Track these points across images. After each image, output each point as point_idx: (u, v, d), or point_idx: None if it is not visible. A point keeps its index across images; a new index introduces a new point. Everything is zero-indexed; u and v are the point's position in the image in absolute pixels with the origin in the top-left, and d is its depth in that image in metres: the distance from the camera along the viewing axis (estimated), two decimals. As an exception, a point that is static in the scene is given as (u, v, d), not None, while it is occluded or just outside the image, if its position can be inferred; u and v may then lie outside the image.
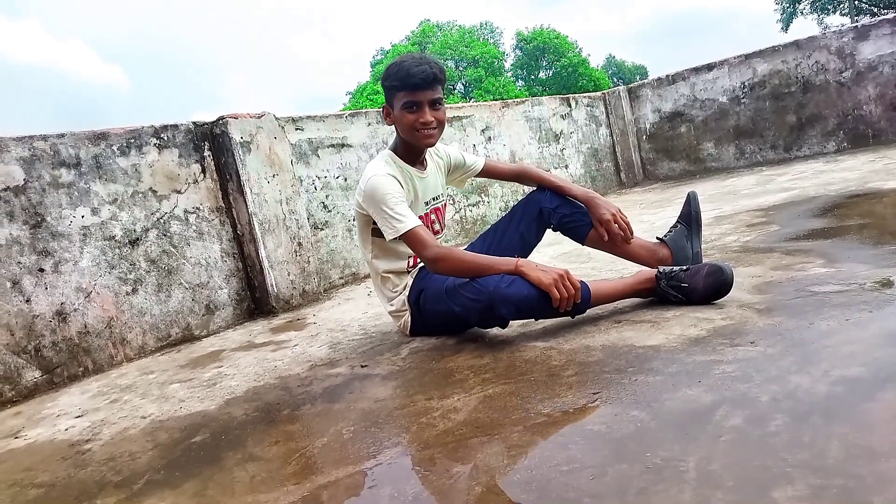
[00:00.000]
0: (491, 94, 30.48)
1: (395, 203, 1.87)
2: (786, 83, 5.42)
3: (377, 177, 1.91)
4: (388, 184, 1.90)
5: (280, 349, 2.35)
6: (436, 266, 1.86)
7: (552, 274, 1.73)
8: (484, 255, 1.93)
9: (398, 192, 1.90)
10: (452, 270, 1.87)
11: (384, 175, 1.91)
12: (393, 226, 1.86)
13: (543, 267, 1.77)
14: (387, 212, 1.87)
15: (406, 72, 1.87)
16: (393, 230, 1.87)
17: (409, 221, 1.86)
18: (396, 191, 1.90)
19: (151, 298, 2.77)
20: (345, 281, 3.62)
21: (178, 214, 2.92)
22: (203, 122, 3.11)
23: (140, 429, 1.72)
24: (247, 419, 1.65)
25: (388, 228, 1.88)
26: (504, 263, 1.80)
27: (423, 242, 1.85)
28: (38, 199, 2.46)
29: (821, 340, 1.36)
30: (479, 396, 1.46)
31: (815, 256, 2.09)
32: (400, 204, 1.88)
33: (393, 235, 1.87)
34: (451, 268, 1.86)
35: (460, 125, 4.77)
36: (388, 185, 1.89)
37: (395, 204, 1.87)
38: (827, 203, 3.03)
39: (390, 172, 1.94)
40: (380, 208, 1.88)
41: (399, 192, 1.91)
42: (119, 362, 2.61)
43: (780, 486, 0.87)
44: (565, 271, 1.74)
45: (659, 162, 6.45)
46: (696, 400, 1.20)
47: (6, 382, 2.28)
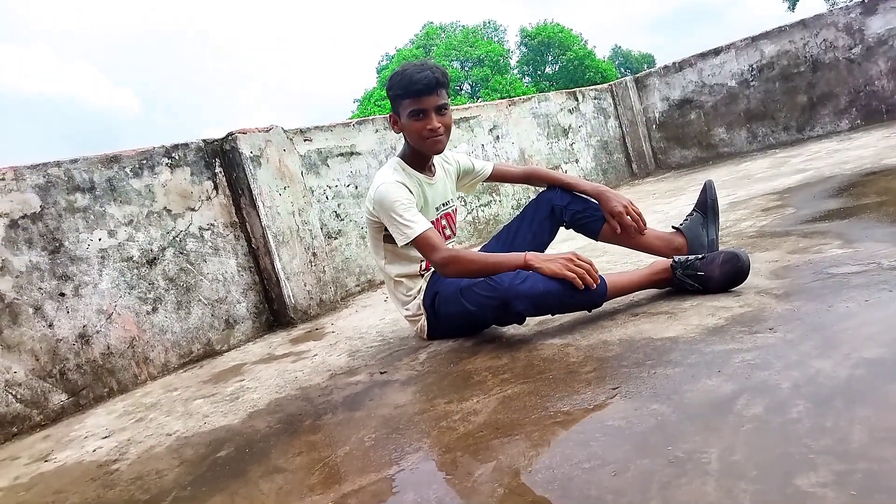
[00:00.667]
0: (498, 92, 30.42)
1: (404, 209, 1.88)
2: (794, 63, 5.36)
3: (386, 184, 1.92)
4: (397, 190, 1.91)
5: (300, 360, 2.37)
6: (446, 269, 1.87)
7: (560, 260, 1.75)
8: (493, 253, 1.93)
9: (407, 197, 1.91)
10: (463, 272, 1.88)
11: (393, 182, 1.92)
12: (403, 231, 1.88)
13: (550, 256, 1.78)
14: (396, 218, 1.88)
15: (409, 79, 1.88)
16: (404, 236, 1.88)
17: (418, 226, 1.87)
18: (405, 197, 1.91)
19: (172, 316, 2.80)
20: (361, 288, 3.63)
21: (193, 232, 2.95)
22: (213, 139, 3.14)
23: (166, 446, 1.74)
24: (270, 431, 1.66)
25: (398, 234, 1.90)
26: (513, 259, 1.82)
27: (433, 246, 1.86)
28: (56, 225, 2.50)
29: (840, 323, 1.34)
30: (499, 397, 1.46)
31: (832, 238, 2.06)
32: (409, 210, 1.89)
33: (404, 241, 1.89)
34: (462, 269, 1.87)
35: (468, 126, 4.77)
36: (398, 192, 1.90)
37: (405, 210, 1.88)
38: (842, 182, 2.99)
39: (399, 179, 1.95)
40: (390, 215, 1.89)
41: (408, 198, 1.92)
42: (143, 381, 2.65)
43: (804, 473, 0.86)
44: (573, 253, 1.77)
45: (670, 150, 6.41)
46: (717, 390, 1.19)
47: (34, 407, 2.32)
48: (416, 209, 1.93)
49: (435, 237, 1.88)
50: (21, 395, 2.29)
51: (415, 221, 1.88)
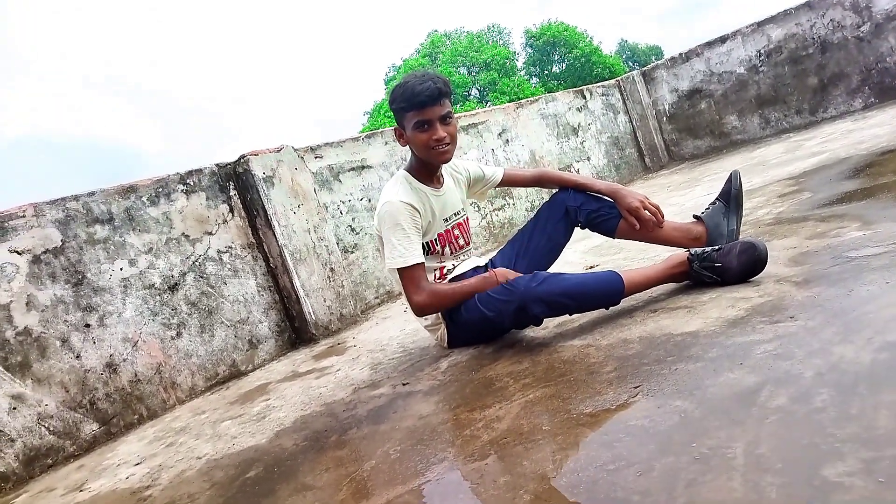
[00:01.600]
0: (506, 94, 30.41)
1: (401, 236, 1.93)
2: (802, 46, 5.30)
3: (390, 203, 1.95)
4: (401, 212, 1.94)
5: (323, 375, 2.38)
6: (423, 310, 1.99)
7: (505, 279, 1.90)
8: (462, 281, 2.01)
9: (409, 222, 1.95)
10: (440, 308, 2.00)
11: (397, 203, 1.94)
12: (394, 257, 1.94)
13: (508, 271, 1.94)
14: (393, 242, 1.94)
15: (411, 91, 1.89)
16: (392, 261, 1.94)
17: (410, 258, 1.93)
18: (407, 221, 1.94)
19: (196, 340, 2.84)
20: (380, 300, 3.65)
21: (211, 255, 2.99)
22: (225, 162, 3.18)
23: (197, 469, 1.76)
24: (297, 449, 1.67)
25: (388, 258, 1.96)
26: (485, 282, 1.93)
27: (415, 284, 1.95)
28: (77, 258, 2.55)
29: (862, 307, 1.32)
30: (521, 403, 1.46)
31: (850, 220, 2.03)
32: (406, 238, 1.94)
33: (390, 266, 1.96)
34: (438, 306, 1.99)
35: (476, 131, 4.78)
36: (400, 214, 1.94)
37: (403, 237, 1.93)
38: (859, 163, 2.95)
39: (404, 200, 1.95)
40: (388, 237, 1.95)
41: (410, 222, 1.95)
42: (172, 406, 2.68)
43: (831, 462, 0.85)
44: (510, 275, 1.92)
45: (683, 142, 6.36)
46: (739, 383, 1.18)
47: (67, 438, 2.36)
48: (417, 236, 1.97)
49: (420, 275, 1.95)
50: (53, 427, 2.34)
51: (408, 252, 1.93)
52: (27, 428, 2.28)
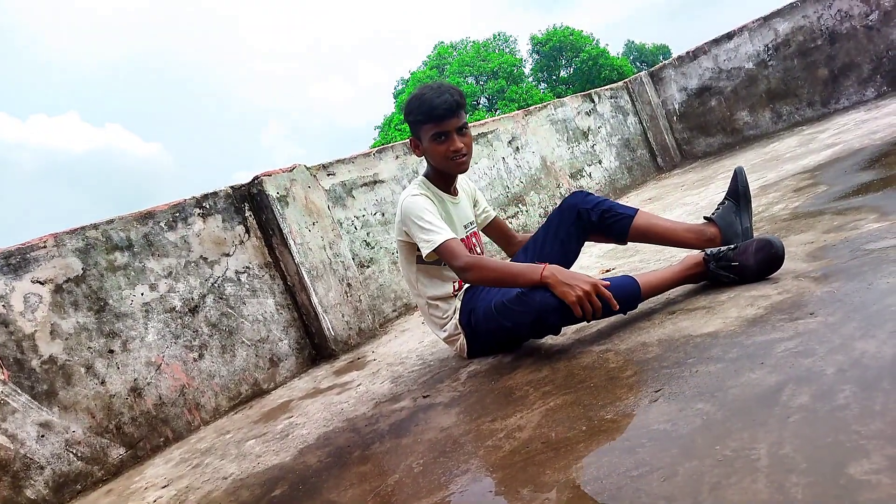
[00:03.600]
0: (515, 102, 30.46)
1: (430, 216, 1.93)
2: (811, 38, 5.26)
3: (411, 197, 1.99)
4: (423, 202, 1.97)
5: (345, 391, 2.39)
6: (466, 275, 1.88)
7: (577, 290, 1.67)
8: (513, 262, 1.93)
9: (432, 208, 1.97)
10: (482, 278, 1.88)
11: (419, 195, 1.99)
12: (429, 238, 1.91)
13: (570, 278, 1.71)
14: (422, 225, 1.93)
15: (429, 104, 1.91)
16: (429, 243, 1.91)
17: (444, 233, 1.91)
18: (431, 207, 1.97)
19: (218, 361, 2.87)
20: (398, 313, 3.66)
21: (230, 276, 3.02)
22: (240, 184, 3.22)
23: (223, 490, 1.78)
24: (321, 466, 1.68)
25: (424, 242, 1.93)
26: (530, 273, 1.78)
27: (455, 254, 1.88)
28: (98, 285, 2.59)
29: (882, 300, 1.31)
30: (542, 411, 1.46)
31: (867, 212, 2.01)
32: (435, 218, 1.94)
33: (429, 248, 1.91)
34: (481, 276, 1.87)
35: (486, 140, 4.79)
36: (423, 203, 1.97)
37: (431, 217, 1.93)
38: (874, 153, 2.92)
39: (425, 193, 2.00)
40: (416, 223, 1.94)
41: (433, 209, 1.97)
42: (196, 427, 2.70)
43: (856, 460, 0.84)
44: (593, 285, 1.68)
45: (694, 140, 6.33)
46: (761, 383, 1.17)
47: (94, 463, 2.39)
48: (442, 220, 1.97)
49: (458, 246, 1.91)
50: (81, 453, 2.37)
51: (441, 228, 1.92)
52: (56, 455, 2.31)
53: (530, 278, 1.78)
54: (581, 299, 1.67)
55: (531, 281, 1.77)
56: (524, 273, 1.80)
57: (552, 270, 1.75)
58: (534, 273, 1.77)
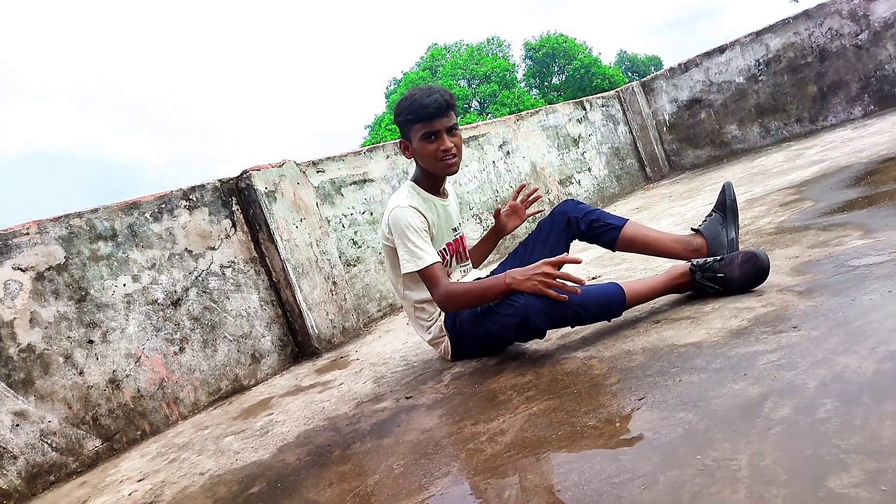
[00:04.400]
0: (507, 106, 30.53)
1: (417, 237, 1.92)
2: (801, 54, 5.32)
3: (400, 208, 1.95)
4: (412, 216, 1.93)
5: (326, 390, 2.38)
6: (445, 305, 1.92)
7: (536, 277, 1.73)
8: (477, 281, 1.93)
9: (421, 224, 1.94)
10: (458, 305, 1.93)
11: (407, 207, 1.95)
12: (414, 259, 1.91)
13: (527, 272, 1.76)
14: (408, 245, 1.91)
15: (419, 104, 1.90)
16: (413, 264, 1.91)
17: (429, 257, 1.91)
18: (419, 224, 1.93)
19: (199, 355, 2.84)
20: (383, 313, 3.65)
21: (214, 270, 3.00)
22: (228, 178, 3.20)
23: (199, 486, 1.76)
24: (300, 464, 1.67)
25: (407, 262, 1.93)
26: (496, 283, 1.83)
27: (433, 282, 1.91)
28: (80, 274, 2.55)
29: (865, 316, 1.32)
30: (525, 415, 1.45)
31: (851, 229, 2.03)
32: (422, 238, 1.92)
33: (412, 269, 1.92)
34: (457, 303, 1.92)
35: (477, 144, 4.79)
36: (412, 218, 1.93)
37: (418, 238, 1.92)
38: (859, 171, 2.95)
39: (413, 204, 1.97)
40: (402, 240, 1.92)
41: (421, 225, 1.94)
42: (174, 421, 2.68)
43: (836, 473, 0.85)
44: (546, 264, 1.74)
45: (683, 151, 6.37)
46: (743, 394, 1.17)
47: (69, 454, 2.36)
48: (427, 236, 1.95)
49: (441, 272, 1.91)
50: (56, 444, 2.33)
51: (426, 251, 1.91)
52: (30, 445, 2.27)
53: (499, 291, 1.83)
54: (545, 282, 1.72)
55: (500, 293, 1.83)
56: (491, 287, 1.84)
57: (511, 275, 1.79)
58: (499, 284, 1.82)
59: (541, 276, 1.73)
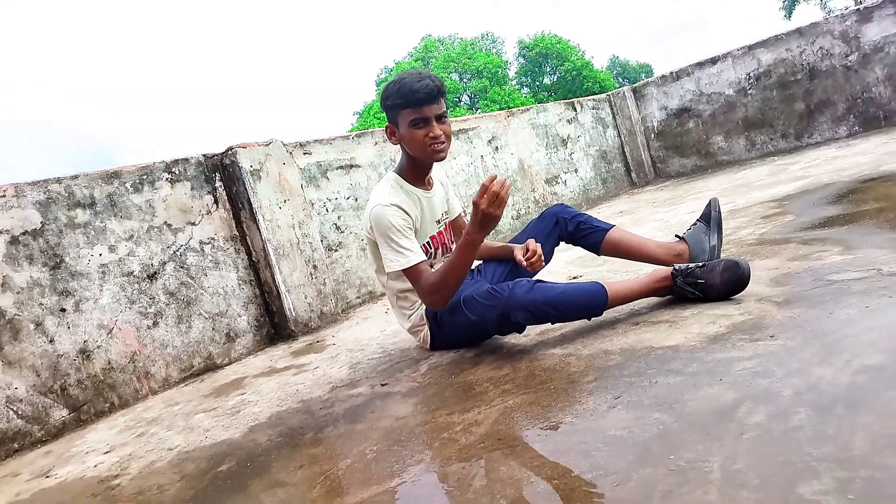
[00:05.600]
0: (497, 103, 30.55)
1: (400, 237, 1.90)
2: (791, 71, 5.38)
3: (381, 207, 1.92)
4: (393, 215, 1.90)
5: (301, 372, 2.36)
6: (433, 300, 1.90)
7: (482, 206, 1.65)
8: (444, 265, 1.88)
9: (403, 223, 1.92)
10: (442, 295, 1.88)
11: (388, 206, 1.92)
12: (397, 259, 1.90)
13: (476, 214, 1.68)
14: (392, 245, 1.90)
15: (408, 88, 1.88)
16: (397, 263, 1.90)
17: (412, 257, 1.89)
18: (401, 223, 1.91)
19: (172, 330, 2.80)
20: (362, 300, 3.63)
21: (193, 246, 2.96)
22: (213, 153, 3.15)
23: (167, 461, 1.74)
24: (271, 445, 1.65)
25: (391, 260, 1.91)
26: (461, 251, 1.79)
27: (418, 279, 1.89)
28: (56, 241, 2.50)
29: (841, 330, 1.34)
30: (500, 408, 1.45)
31: (831, 244, 2.06)
32: (405, 237, 1.91)
33: (396, 268, 1.91)
34: (442, 293, 1.87)
35: (466, 137, 4.79)
36: (393, 218, 1.90)
37: (401, 237, 1.90)
38: (841, 189, 3.00)
39: (395, 202, 1.93)
40: (385, 241, 1.91)
41: (404, 224, 1.92)
42: (144, 396, 2.64)
43: (806, 480, 0.86)
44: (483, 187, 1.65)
45: (669, 159, 6.42)
46: (718, 398, 1.18)
47: (35, 423, 2.32)
48: (410, 234, 1.93)
49: (425, 270, 1.90)
50: (22, 411, 2.29)
51: (411, 251, 1.90)
52: (-6, 411, 2.23)
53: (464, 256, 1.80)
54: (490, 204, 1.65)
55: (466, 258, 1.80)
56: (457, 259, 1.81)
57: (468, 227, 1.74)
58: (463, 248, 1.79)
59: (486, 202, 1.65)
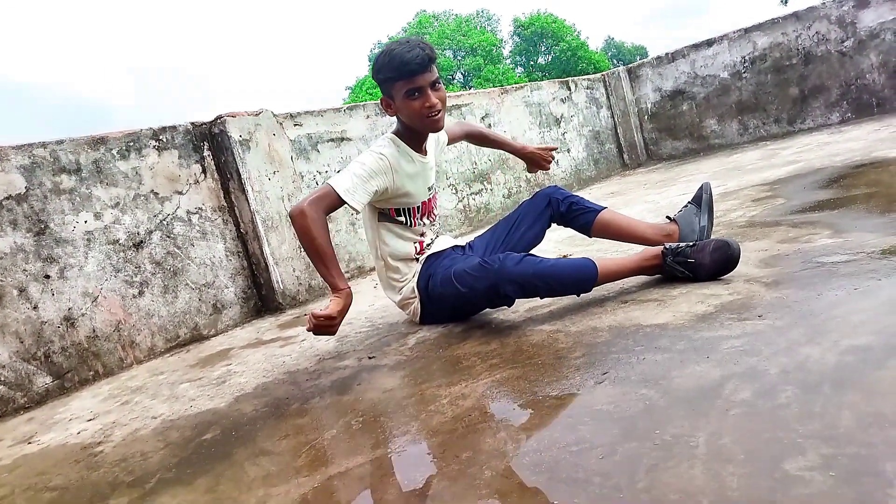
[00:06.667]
0: (490, 82, 30.34)
1: (362, 171, 1.88)
2: (787, 55, 5.36)
3: (368, 151, 1.96)
4: (375, 160, 1.91)
5: (288, 345, 2.35)
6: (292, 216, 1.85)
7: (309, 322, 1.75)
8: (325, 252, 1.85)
9: (376, 169, 1.91)
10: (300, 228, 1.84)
11: (378, 153, 1.94)
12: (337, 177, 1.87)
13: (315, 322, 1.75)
14: (351, 170, 1.88)
15: (400, 60, 1.85)
16: (333, 179, 1.87)
17: (344, 182, 1.85)
18: (375, 168, 1.90)
19: (158, 300, 2.78)
20: (350, 275, 3.61)
21: (180, 215, 2.92)
22: (201, 122, 3.10)
23: (151, 429, 1.73)
24: (257, 415, 1.65)
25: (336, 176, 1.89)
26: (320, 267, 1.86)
27: (319, 196, 1.84)
28: (41, 207, 2.46)
29: (829, 311, 1.34)
30: (487, 382, 1.45)
31: (821, 228, 2.06)
32: (363, 177, 1.88)
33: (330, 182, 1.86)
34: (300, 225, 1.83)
35: (459, 113, 4.74)
36: (374, 162, 1.91)
37: (362, 172, 1.88)
38: (832, 174, 3.00)
39: (387, 153, 1.94)
40: (351, 166, 1.91)
41: (376, 169, 1.91)
42: (129, 365, 2.62)
43: (792, 456, 0.86)
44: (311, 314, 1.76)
45: (662, 141, 6.41)
46: (705, 375, 1.19)
47: (18, 389, 2.30)
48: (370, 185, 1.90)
49: (328, 201, 1.85)
50: (4, 378, 2.27)
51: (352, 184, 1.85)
52: (-24, 377, 2.20)
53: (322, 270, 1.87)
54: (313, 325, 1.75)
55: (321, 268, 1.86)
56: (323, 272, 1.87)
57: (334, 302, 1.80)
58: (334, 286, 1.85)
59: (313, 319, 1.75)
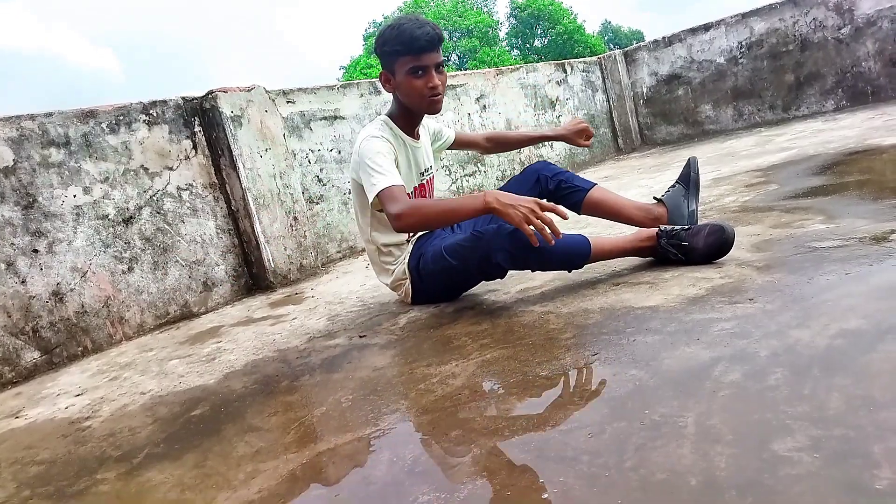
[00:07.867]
0: (486, 63, 30.13)
1: (383, 159, 1.82)
2: (783, 42, 5.34)
3: (370, 139, 1.89)
4: (380, 144, 1.87)
5: (278, 323, 2.34)
6: (404, 220, 1.72)
7: (521, 209, 1.57)
8: (451, 198, 1.81)
9: (387, 150, 1.88)
10: (424, 218, 1.74)
11: (377, 137, 1.90)
12: (375, 181, 1.78)
13: (513, 200, 1.60)
14: (372, 167, 1.81)
15: (409, 35, 1.81)
16: (374, 187, 1.78)
17: (389, 177, 1.78)
18: (385, 148, 1.87)
19: (148, 277, 2.76)
20: (342, 255, 3.60)
21: (170, 191, 2.89)
22: (192, 96, 3.06)
23: (140, 405, 1.72)
24: (246, 391, 1.64)
25: (370, 186, 1.81)
26: (472, 201, 1.67)
27: (395, 198, 1.74)
28: (29, 180, 2.43)
29: (820, 295, 1.34)
30: (478, 361, 1.45)
31: (814, 213, 2.06)
32: (388, 161, 1.84)
33: (372, 192, 1.79)
34: (422, 216, 1.73)
35: (454, 94, 4.71)
36: (379, 145, 1.87)
37: (384, 160, 1.82)
38: (826, 161, 3.00)
39: (384, 135, 1.92)
40: (367, 166, 1.83)
41: (388, 150, 1.88)
42: (118, 341, 2.61)
43: (780, 437, 0.86)
44: (536, 202, 1.59)
45: (656, 126, 6.39)
46: (695, 357, 1.19)
47: (5, 364, 2.28)
48: (395, 166, 1.88)
49: (400, 192, 1.77)
50: (-8, 352, 2.25)
51: (389, 171, 1.80)
52: (-37, 350, 2.19)
53: (473, 207, 1.66)
54: (528, 217, 1.56)
55: (474, 210, 1.66)
56: (465, 204, 1.69)
57: (494, 195, 1.63)
58: (476, 201, 1.65)
59: (527, 210, 1.56)
